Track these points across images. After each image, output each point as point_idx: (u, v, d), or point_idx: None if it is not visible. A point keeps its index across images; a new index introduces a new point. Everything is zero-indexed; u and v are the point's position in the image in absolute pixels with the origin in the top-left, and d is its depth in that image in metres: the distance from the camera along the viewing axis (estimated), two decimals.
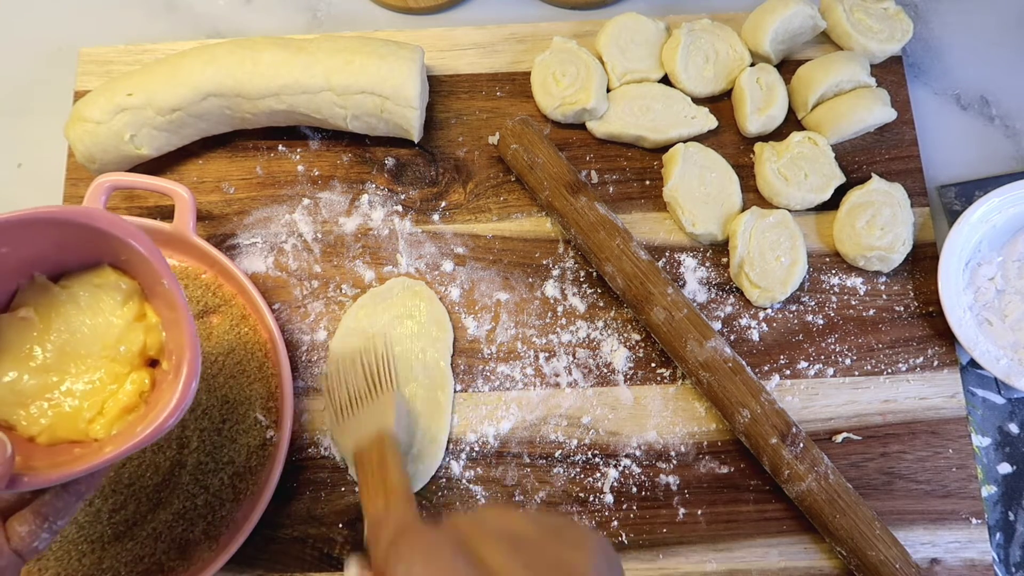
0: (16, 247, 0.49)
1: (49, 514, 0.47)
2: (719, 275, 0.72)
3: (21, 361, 0.50)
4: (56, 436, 0.50)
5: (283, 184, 0.75)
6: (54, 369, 0.51)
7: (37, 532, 0.47)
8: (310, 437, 0.68)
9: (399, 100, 0.69)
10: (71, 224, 0.48)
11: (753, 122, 0.73)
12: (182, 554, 0.63)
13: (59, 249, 0.51)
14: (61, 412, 0.50)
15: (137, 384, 0.52)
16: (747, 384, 0.64)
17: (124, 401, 0.51)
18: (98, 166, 0.71)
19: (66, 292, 0.52)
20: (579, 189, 0.69)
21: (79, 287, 0.52)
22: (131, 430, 0.49)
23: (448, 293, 0.71)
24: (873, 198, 0.70)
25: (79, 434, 0.51)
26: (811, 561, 0.65)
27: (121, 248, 0.50)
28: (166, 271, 0.49)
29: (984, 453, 0.68)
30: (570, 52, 0.75)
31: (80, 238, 0.50)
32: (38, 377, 0.50)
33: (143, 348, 0.52)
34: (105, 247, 0.51)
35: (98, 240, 0.50)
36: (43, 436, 0.50)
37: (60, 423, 0.50)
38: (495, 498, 0.66)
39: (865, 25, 0.75)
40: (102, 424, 0.51)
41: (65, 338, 0.51)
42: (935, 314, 0.70)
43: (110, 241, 0.50)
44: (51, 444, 0.50)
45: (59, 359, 0.51)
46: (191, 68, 0.69)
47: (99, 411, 0.51)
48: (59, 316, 0.51)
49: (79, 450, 0.50)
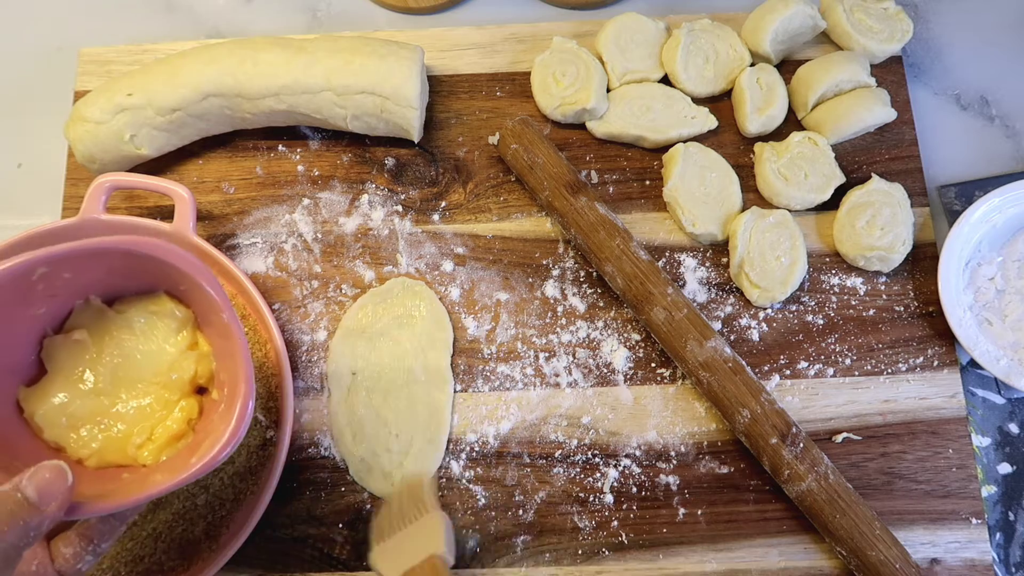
0: (79, 273, 0.50)
1: (94, 536, 0.48)
2: (719, 275, 0.72)
3: (73, 383, 0.51)
4: (104, 460, 0.51)
5: (283, 184, 0.75)
6: (105, 393, 0.51)
7: (81, 555, 0.47)
8: (310, 437, 0.68)
9: (399, 100, 0.69)
10: (137, 255, 0.49)
11: (753, 122, 0.73)
12: (182, 554, 0.63)
13: (118, 275, 0.52)
14: (110, 436, 0.51)
15: (186, 412, 0.52)
16: (747, 384, 0.64)
17: (173, 428, 0.52)
18: (98, 166, 0.71)
19: (121, 317, 0.52)
20: (579, 189, 0.69)
21: (134, 313, 0.53)
22: (181, 459, 0.50)
23: (448, 293, 0.71)
24: (873, 198, 0.70)
25: (127, 459, 0.51)
26: (811, 561, 0.65)
27: (181, 279, 0.51)
28: (227, 304, 0.50)
29: (984, 453, 0.68)
30: (570, 52, 0.75)
31: (140, 266, 0.50)
32: (89, 400, 0.51)
33: (194, 376, 0.53)
34: (164, 276, 0.51)
35: (158, 269, 0.50)
36: (92, 459, 0.50)
37: (109, 447, 0.51)
38: (495, 498, 0.66)
39: (865, 25, 0.75)
40: (151, 450, 0.51)
41: (118, 362, 0.52)
42: (935, 314, 0.70)
43: (171, 272, 0.50)
44: (99, 467, 0.51)
45: (111, 383, 0.51)
46: (191, 68, 0.69)
47: (148, 437, 0.51)
48: (113, 340, 0.52)
49: (128, 475, 0.51)
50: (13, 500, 0.42)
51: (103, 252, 0.48)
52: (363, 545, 0.65)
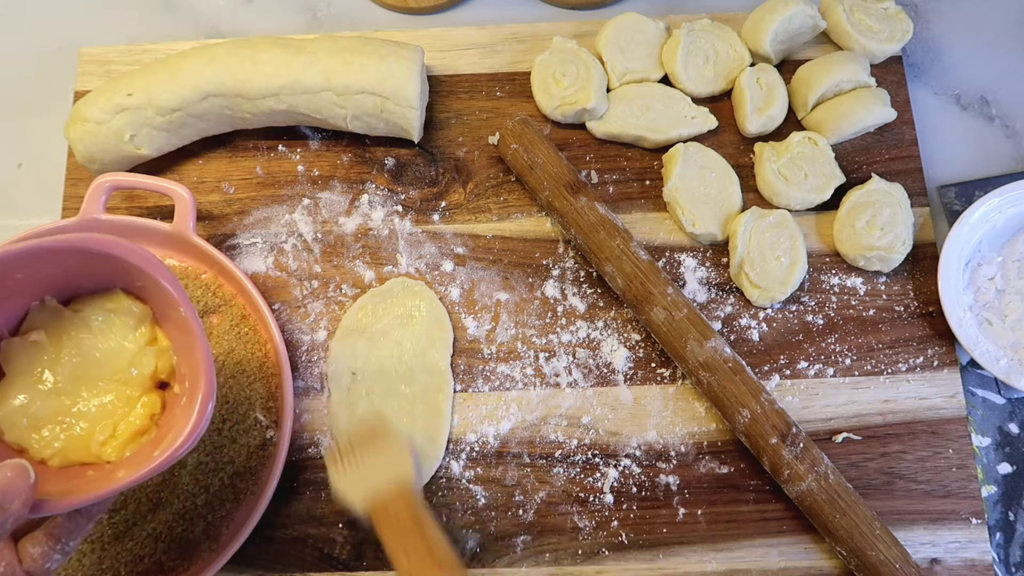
0: (31, 273, 0.49)
1: (62, 535, 0.47)
2: (719, 275, 0.72)
3: (32, 385, 0.50)
4: (68, 459, 0.50)
5: (283, 184, 0.75)
6: (66, 392, 0.51)
7: (50, 554, 0.47)
8: (310, 437, 0.68)
9: (399, 100, 0.69)
10: (91, 252, 0.48)
11: (753, 122, 0.73)
12: (182, 554, 0.63)
13: (72, 273, 0.51)
14: (73, 435, 0.51)
15: (148, 407, 0.52)
16: (747, 384, 0.64)
17: (136, 424, 0.51)
18: (98, 166, 0.71)
19: (78, 316, 0.52)
20: (579, 189, 0.69)
21: (91, 311, 0.52)
22: (145, 453, 0.50)
23: (448, 293, 0.71)
24: (873, 198, 0.70)
25: (91, 456, 0.51)
26: (811, 561, 0.65)
27: (138, 275, 0.50)
28: (184, 298, 0.50)
29: (984, 453, 0.68)
30: (570, 52, 0.75)
31: (95, 264, 0.50)
32: (49, 401, 0.50)
33: (154, 372, 0.53)
34: (120, 273, 0.51)
35: (113, 266, 0.50)
36: (55, 459, 0.50)
37: (72, 446, 0.50)
38: (495, 498, 0.66)
39: (865, 25, 0.75)
40: (114, 447, 0.51)
41: (76, 362, 0.51)
42: (935, 314, 0.70)
43: (127, 268, 0.50)
44: (63, 466, 0.50)
45: (70, 383, 0.51)
46: (191, 68, 0.69)
47: (111, 434, 0.51)
48: (70, 340, 0.52)
49: (92, 472, 0.50)
50: None
51: (56, 251, 0.48)
52: (363, 545, 0.65)
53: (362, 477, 0.59)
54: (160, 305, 0.53)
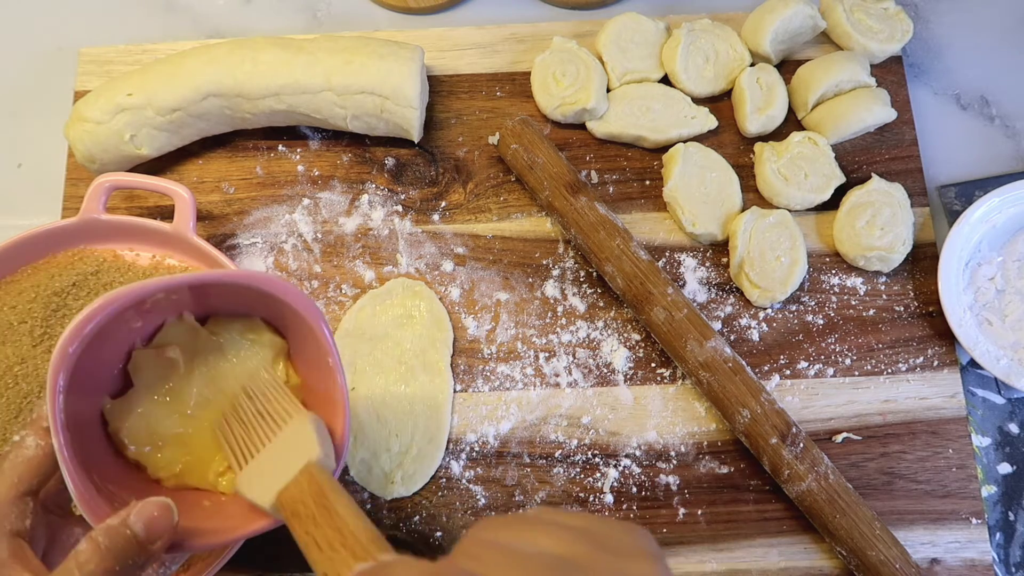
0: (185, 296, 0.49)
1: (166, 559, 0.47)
2: (719, 275, 0.72)
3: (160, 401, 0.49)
4: (183, 482, 0.49)
5: (283, 184, 0.75)
6: (192, 415, 0.50)
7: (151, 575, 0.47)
8: None
9: (399, 100, 0.69)
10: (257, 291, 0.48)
11: (753, 122, 0.73)
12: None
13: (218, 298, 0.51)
14: (192, 460, 0.49)
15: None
16: (747, 384, 0.64)
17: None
18: (98, 166, 0.71)
19: (214, 341, 0.51)
20: (579, 189, 0.69)
21: (229, 336, 0.51)
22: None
23: (448, 293, 0.71)
24: (873, 198, 0.70)
25: (206, 485, 0.50)
26: (811, 561, 0.65)
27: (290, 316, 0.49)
28: (333, 349, 0.49)
29: (984, 453, 0.68)
30: (570, 52, 0.75)
31: (249, 296, 0.49)
32: (175, 421, 0.49)
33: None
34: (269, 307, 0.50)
35: (264, 300, 0.49)
36: (171, 481, 0.49)
37: (190, 471, 0.49)
38: (495, 498, 0.66)
39: (865, 25, 0.75)
40: (230, 479, 0.49)
41: (207, 388, 0.50)
42: (935, 314, 0.70)
43: (282, 308, 0.49)
44: (176, 488, 0.49)
45: (198, 406, 0.50)
46: (191, 68, 0.69)
47: (228, 466, 0.50)
48: (203, 362, 0.50)
49: (207, 503, 0.49)
50: (123, 536, 0.41)
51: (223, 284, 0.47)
52: None
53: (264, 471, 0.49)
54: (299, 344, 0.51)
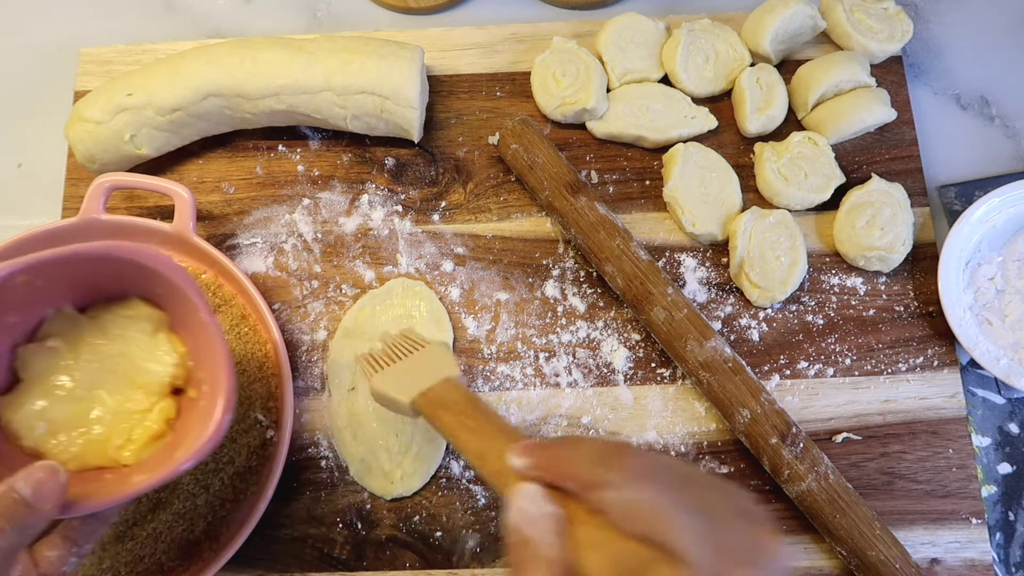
0: (53, 279, 0.50)
1: (77, 538, 0.48)
2: (719, 275, 0.72)
3: (49, 390, 0.51)
4: (85, 463, 0.51)
5: (283, 184, 0.75)
6: (83, 398, 0.51)
7: (66, 557, 0.47)
8: (310, 437, 0.68)
9: (399, 100, 0.69)
10: (114, 260, 0.49)
11: (753, 122, 0.73)
12: (182, 554, 0.63)
13: (91, 280, 0.52)
14: (90, 439, 0.51)
15: (164, 412, 0.52)
16: (747, 384, 0.64)
17: (152, 428, 0.52)
18: (98, 166, 0.71)
19: (95, 322, 0.52)
20: (579, 189, 0.69)
21: (108, 318, 0.53)
22: (162, 457, 0.50)
23: (448, 293, 0.71)
24: (873, 198, 0.70)
25: (108, 460, 0.51)
26: (811, 561, 0.65)
27: (157, 282, 0.51)
28: (205, 306, 0.50)
29: (984, 453, 0.68)
30: (570, 52, 0.75)
31: (115, 271, 0.50)
32: (67, 406, 0.51)
33: (171, 378, 0.53)
34: (138, 279, 0.51)
35: (132, 273, 0.50)
36: (72, 463, 0.50)
37: (89, 450, 0.51)
38: (495, 498, 0.66)
39: (865, 25, 0.75)
40: (131, 451, 0.51)
41: (94, 367, 0.52)
42: (935, 314, 0.70)
43: (147, 275, 0.50)
44: (80, 470, 0.51)
45: (88, 388, 0.51)
46: (191, 68, 0.69)
47: (127, 438, 0.51)
48: (87, 346, 0.52)
49: (110, 476, 0.51)
50: (10, 500, 0.43)
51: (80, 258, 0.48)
52: (363, 545, 0.65)
53: (404, 375, 0.56)
54: (178, 311, 0.53)
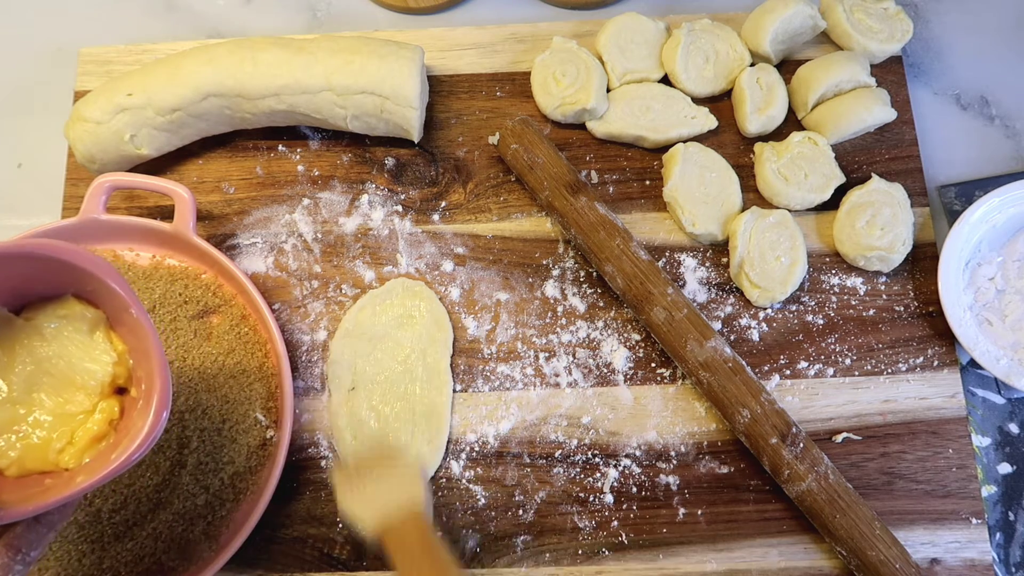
0: None
1: (22, 546, 0.46)
2: (719, 275, 0.72)
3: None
4: (25, 468, 0.50)
5: (283, 184, 0.75)
6: (20, 401, 0.50)
7: (10, 565, 0.46)
8: (310, 437, 0.68)
9: (399, 100, 0.69)
10: (36, 257, 0.48)
11: (753, 122, 0.73)
12: (182, 554, 0.63)
13: (22, 280, 0.50)
14: (30, 444, 0.50)
15: (106, 413, 0.51)
16: (747, 384, 0.64)
17: (94, 430, 0.50)
18: (98, 166, 0.71)
19: (30, 324, 0.51)
20: (579, 189, 0.69)
21: (43, 318, 0.51)
22: (103, 459, 0.49)
23: (448, 293, 0.71)
24: (873, 198, 0.70)
25: (49, 464, 0.50)
26: (811, 561, 0.65)
27: (86, 279, 0.50)
28: (134, 300, 0.49)
29: (984, 453, 0.68)
30: (570, 52, 0.75)
31: (44, 270, 0.49)
32: (4, 410, 0.50)
33: (112, 377, 0.52)
34: (69, 278, 0.50)
35: (62, 271, 0.49)
36: (12, 468, 0.49)
37: (29, 455, 0.50)
38: (495, 498, 0.66)
39: (865, 25, 0.75)
40: (72, 453, 0.50)
41: (31, 370, 0.50)
42: (935, 314, 0.70)
43: (74, 272, 0.49)
44: (20, 476, 0.50)
45: (25, 391, 0.50)
46: (191, 68, 0.69)
47: (69, 441, 0.50)
48: (23, 348, 0.51)
49: (50, 481, 0.49)
50: None
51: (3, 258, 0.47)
52: (363, 545, 0.65)
53: (371, 498, 0.58)
54: (113, 309, 0.52)
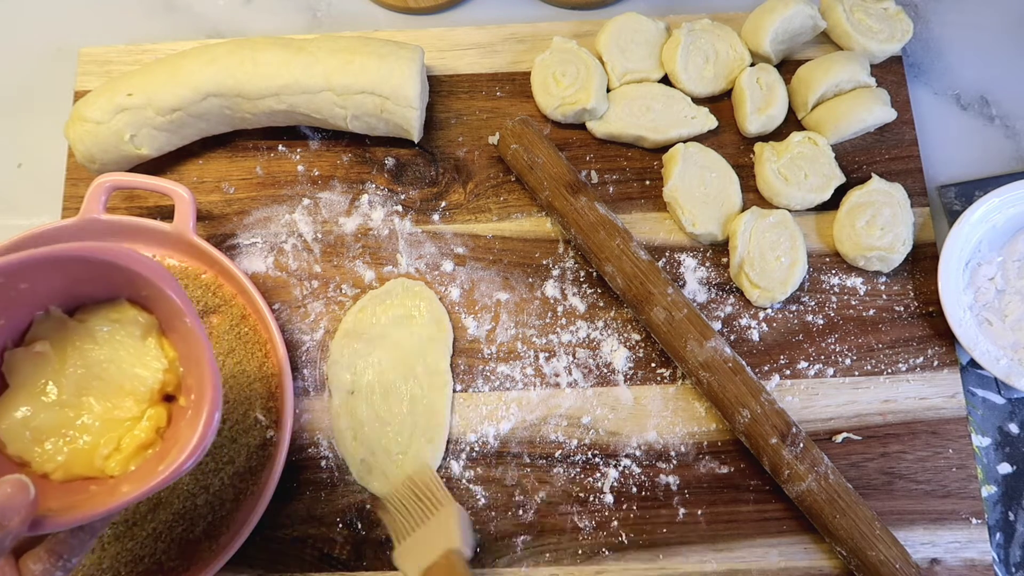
0: (36, 282, 0.49)
1: (63, 552, 0.46)
2: (719, 275, 0.72)
3: (35, 396, 0.49)
4: (71, 473, 0.49)
5: (283, 184, 0.75)
6: (70, 405, 0.50)
7: (51, 571, 0.46)
8: (310, 437, 0.68)
9: (399, 100, 0.69)
10: (96, 261, 0.48)
11: (753, 122, 0.73)
12: (182, 554, 0.63)
13: (77, 283, 0.50)
14: (76, 448, 0.50)
15: (154, 420, 0.51)
16: (747, 384, 0.64)
17: (141, 437, 0.50)
18: (98, 166, 0.71)
19: (83, 327, 0.51)
20: (579, 189, 0.69)
21: (96, 321, 0.51)
22: (149, 468, 0.49)
23: (448, 293, 0.71)
24: (873, 198, 0.70)
25: (94, 471, 0.50)
26: (811, 561, 0.65)
27: (143, 285, 0.50)
28: (190, 309, 0.49)
29: (984, 453, 0.68)
30: (570, 52, 0.75)
31: (101, 273, 0.49)
32: (53, 413, 0.49)
33: (161, 384, 0.51)
34: (124, 282, 0.50)
35: (118, 275, 0.49)
36: (58, 473, 0.49)
37: (75, 460, 0.49)
38: (495, 498, 0.66)
39: (865, 25, 0.75)
40: (118, 461, 0.50)
41: (81, 373, 0.50)
42: (935, 314, 0.70)
43: (132, 278, 0.49)
44: (66, 481, 0.50)
45: (75, 395, 0.50)
46: (191, 68, 0.69)
47: (115, 447, 0.50)
48: (75, 351, 0.51)
49: (95, 487, 0.49)
50: None
51: (61, 260, 0.47)
52: (363, 545, 0.65)
53: (415, 547, 0.62)
54: (166, 316, 0.52)
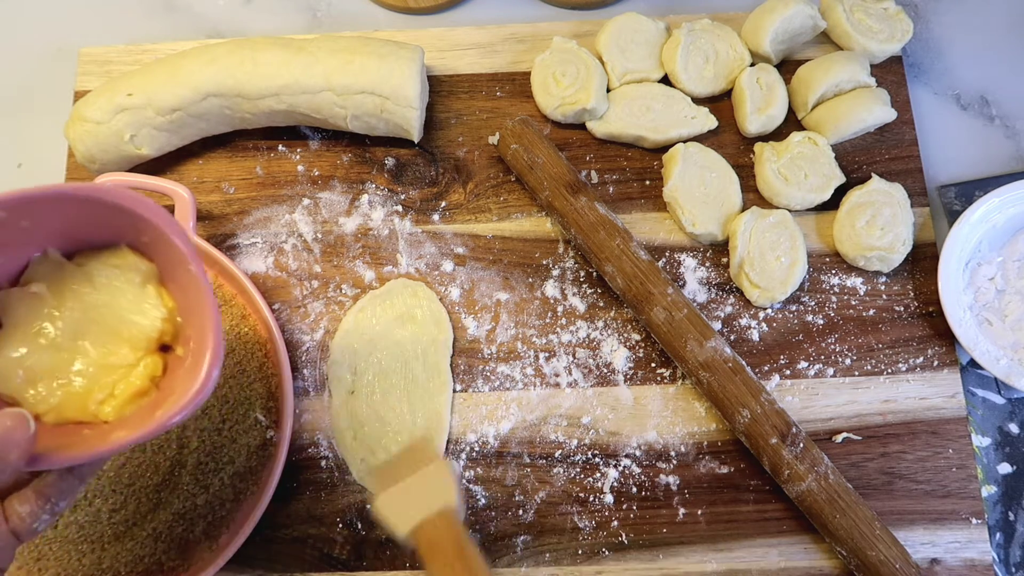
0: (37, 222, 0.48)
1: (52, 495, 0.45)
2: (719, 275, 0.72)
3: (30, 337, 0.48)
4: (63, 416, 0.49)
5: (283, 184, 0.75)
6: (65, 348, 0.49)
7: (38, 513, 0.45)
8: (310, 437, 0.68)
9: (399, 100, 0.69)
10: (98, 202, 0.47)
11: (753, 122, 0.73)
12: (182, 554, 0.63)
13: (77, 225, 0.49)
14: (70, 392, 0.49)
15: (150, 368, 0.50)
16: (747, 384, 0.64)
17: (136, 384, 0.49)
18: (98, 166, 0.71)
19: (81, 270, 0.50)
20: (579, 189, 0.69)
21: (95, 266, 0.50)
22: (144, 414, 0.48)
23: (448, 293, 0.71)
24: (873, 198, 0.70)
25: (88, 415, 0.49)
26: (811, 561, 0.65)
27: (145, 229, 0.48)
28: (194, 256, 0.48)
29: (984, 453, 0.68)
30: (570, 52, 0.75)
31: (102, 216, 0.48)
32: (48, 355, 0.48)
33: (159, 333, 0.50)
34: (127, 227, 0.49)
35: (120, 220, 0.48)
36: (50, 415, 0.48)
37: (69, 403, 0.49)
38: (495, 498, 0.66)
39: (865, 25, 0.75)
40: (112, 407, 0.49)
41: (77, 317, 0.49)
42: (935, 314, 0.70)
43: (135, 222, 0.48)
44: (58, 424, 0.49)
45: (70, 338, 0.49)
46: (191, 68, 0.69)
47: (109, 393, 0.49)
48: (72, 294, 0.50)
49: (88, 431, 0.48)
50: None
51: (65, 199, 0.46)
52: (363, 545, 0.65)
53: (405, 501, 0.56)
54: (167, 264, 0.51)
